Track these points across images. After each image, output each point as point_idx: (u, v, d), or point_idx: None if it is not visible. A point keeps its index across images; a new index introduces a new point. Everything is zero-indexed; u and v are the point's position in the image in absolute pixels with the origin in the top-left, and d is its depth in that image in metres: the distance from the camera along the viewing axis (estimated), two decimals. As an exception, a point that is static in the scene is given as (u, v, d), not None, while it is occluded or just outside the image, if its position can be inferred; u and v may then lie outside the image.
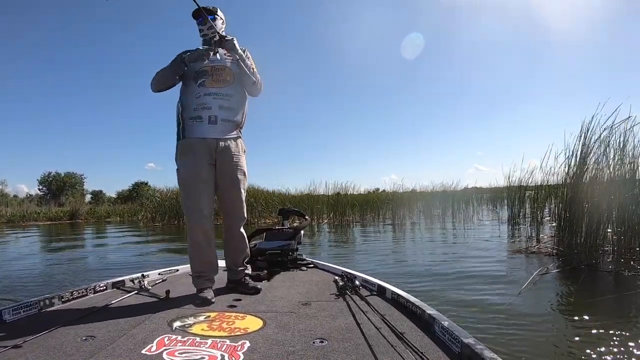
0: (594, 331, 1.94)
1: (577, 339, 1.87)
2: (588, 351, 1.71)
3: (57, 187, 34.74)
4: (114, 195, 34.88)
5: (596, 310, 2.32)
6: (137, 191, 29.22)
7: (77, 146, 52.82)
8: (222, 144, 1.91)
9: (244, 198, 2.03)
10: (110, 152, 53.63)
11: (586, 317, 2.16)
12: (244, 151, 2.05)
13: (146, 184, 30.26)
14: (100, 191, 36.98)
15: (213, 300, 1.81)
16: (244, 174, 2.01)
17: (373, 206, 12.10)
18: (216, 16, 2.02)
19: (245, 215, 2.07)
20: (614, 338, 1.83)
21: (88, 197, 34.81)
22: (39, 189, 35.41)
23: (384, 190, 14.19)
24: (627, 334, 1.87)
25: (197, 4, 1.81)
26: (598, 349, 1.72)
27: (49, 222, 17.61)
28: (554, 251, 4.10)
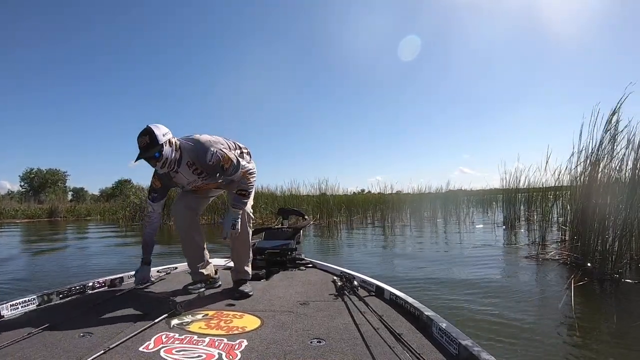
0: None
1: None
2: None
3: (39, 183, 34.31)
4: (97, 193, 34.70)
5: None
6: (121, 189, 29.01)
7: (62, 143, 52.52)
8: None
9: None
10: (94, 149, 53.39)
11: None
12: None
13: (129, 181, 30.15)
14: (82, 188, 36.63)
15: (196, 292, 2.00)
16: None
17: (360, 207, 12.09)
18: (161, 151, 1.76)
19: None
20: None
21: (70, 195, 34.36)
22: (20, 186, 34.94)
23: (369, 191, 14.36)
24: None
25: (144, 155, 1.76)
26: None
27: (26, 220, 17.31)
28: (569, 259, 3.90)
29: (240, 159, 1.91)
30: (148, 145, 1.72)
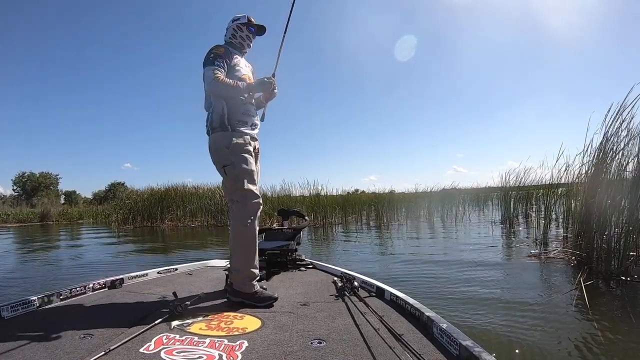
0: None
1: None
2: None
3: (32, 187, 34.20)
4: (90, 196, 34.70)
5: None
6: (114, 192, 29.04)
7: (54, 146, 52.51)
8: (258, 144, 2.18)
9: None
10: (86, 151, 53.39)
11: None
12: None
13: (123, 184, 30.25)
14: (74, 192, 36.51)
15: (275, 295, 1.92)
16: None
17: (355, 207, 12.11)
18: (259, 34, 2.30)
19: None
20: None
21: (62, 198, 34.21)
22: (13, 190, 34.79)
23: (363, 191, 14.41)
24: None
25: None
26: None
27: (18, 224, 17.19)
28: (573, 257, 3.87)
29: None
30: (264, 29, 2.27)
